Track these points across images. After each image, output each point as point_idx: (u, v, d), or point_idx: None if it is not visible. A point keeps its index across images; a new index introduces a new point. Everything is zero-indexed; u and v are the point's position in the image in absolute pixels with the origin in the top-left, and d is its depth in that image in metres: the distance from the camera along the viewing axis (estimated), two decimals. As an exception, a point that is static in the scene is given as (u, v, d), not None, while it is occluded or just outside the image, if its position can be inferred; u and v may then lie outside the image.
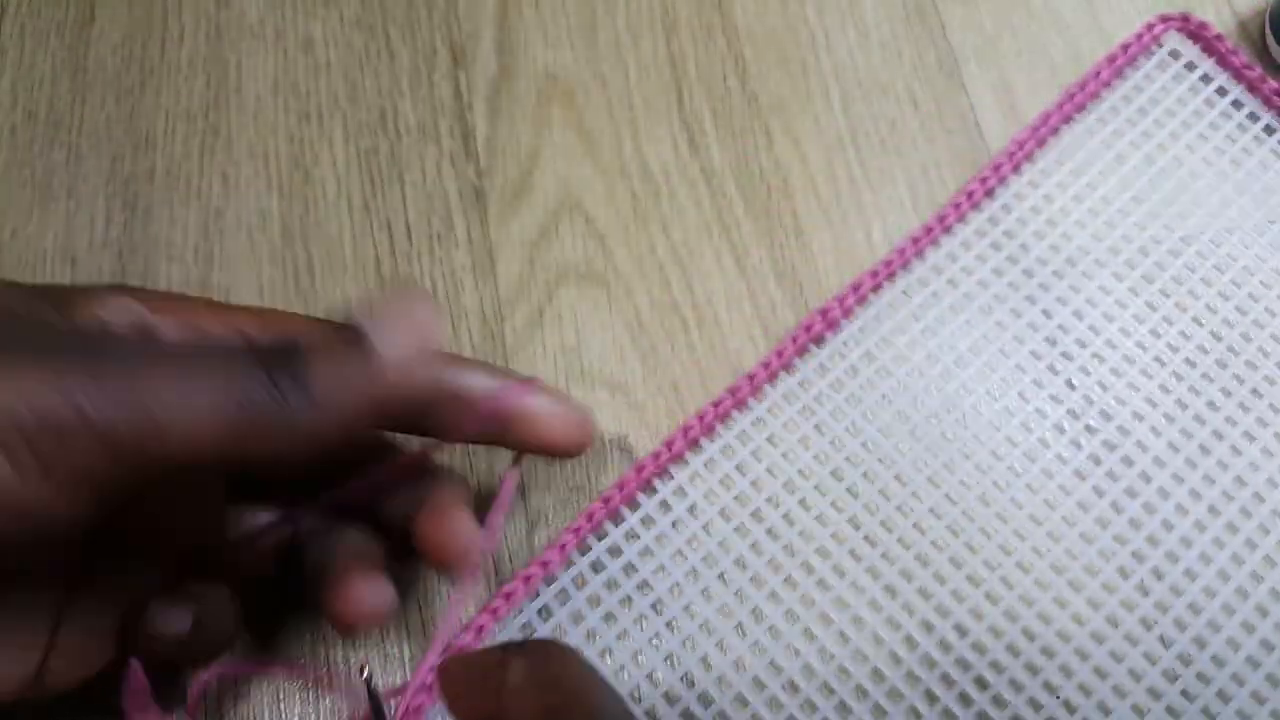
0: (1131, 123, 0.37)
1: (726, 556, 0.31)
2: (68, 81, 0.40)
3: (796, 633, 0.31)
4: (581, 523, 0.31)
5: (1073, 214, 0.36)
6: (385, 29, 0.41)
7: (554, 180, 0.38)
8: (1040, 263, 0.35)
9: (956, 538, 0.32)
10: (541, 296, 0.36)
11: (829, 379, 0.34)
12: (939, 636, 0.30)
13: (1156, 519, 0.32)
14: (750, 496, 0.32)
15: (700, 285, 0.36)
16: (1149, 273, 0.35)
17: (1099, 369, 0.34)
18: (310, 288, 0.37)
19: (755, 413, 0.33)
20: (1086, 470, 0.32)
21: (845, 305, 0.34)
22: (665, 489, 0.32)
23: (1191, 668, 0.30)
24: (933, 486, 0.32)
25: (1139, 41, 0.38)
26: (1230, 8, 0.40)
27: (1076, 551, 0.31)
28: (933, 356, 0.34)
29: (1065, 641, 0.30)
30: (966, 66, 0.39)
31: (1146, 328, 0.34)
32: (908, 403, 0.33)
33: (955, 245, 0.36)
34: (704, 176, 0.38)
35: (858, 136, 0.38)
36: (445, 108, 0.39)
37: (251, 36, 0.41)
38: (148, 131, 0.39)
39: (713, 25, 0.40)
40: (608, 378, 0.35)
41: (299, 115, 0.39)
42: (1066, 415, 0.33)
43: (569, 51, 0.40)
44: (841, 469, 0.33)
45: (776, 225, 0.37)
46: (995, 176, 0.36)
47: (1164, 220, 0.36)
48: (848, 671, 0.30)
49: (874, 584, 0.31)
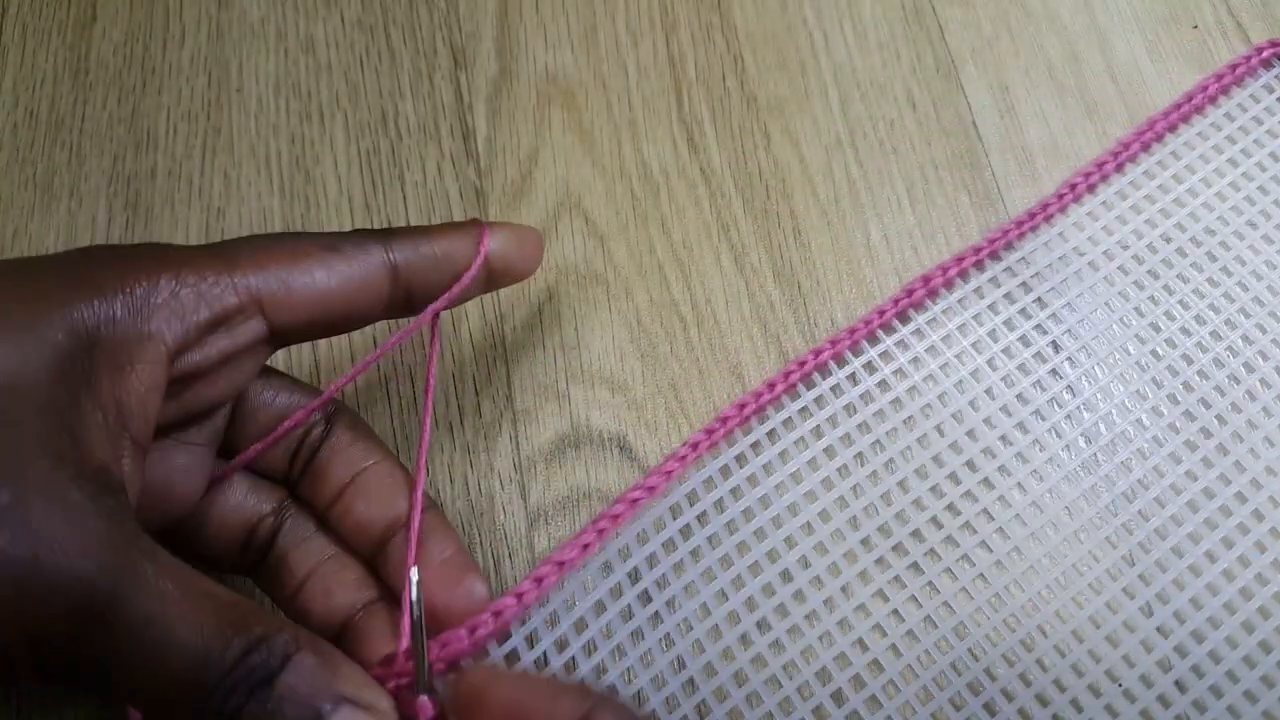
0: (1232, 140, 0.37)
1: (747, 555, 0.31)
2: (69, 81, 0.40)
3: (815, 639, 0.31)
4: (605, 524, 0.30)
5: (1173, 216, 0.36)
6: (386, 30, 0.41)
7: (554, 180, 0.38)
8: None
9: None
10: (541, 296, 0.36)
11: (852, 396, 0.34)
12: (955, 656, 0.30)
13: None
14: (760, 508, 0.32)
15: (699, 285, 0.36)
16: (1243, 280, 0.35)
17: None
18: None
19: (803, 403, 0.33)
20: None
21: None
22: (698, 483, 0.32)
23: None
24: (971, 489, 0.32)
25: (1247, 63, 0.38)
26: (1228, 7, 0.40)
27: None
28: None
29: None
30: (964, 68, 0.39)
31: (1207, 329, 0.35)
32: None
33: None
34: (703, 177, 0.38)
35: (856, 137, 0.38)
36: (446, 108, 0.39)
37: (253, 37, 0.41)
38: (149, 131, 0.39)
39: (712, 26, 0.40)
40: (607, 377, 0.35)
41: (300, 115, 0.39)
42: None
43: (569, 52, 0.40)
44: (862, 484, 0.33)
45: (775, 225, 0.37)
46: (1085, 182, 0.36)
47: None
48: (864, 682, 0.30)
49: (899, 595, 0.31)
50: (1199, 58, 0.39)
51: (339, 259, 0.26)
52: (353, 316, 0.27)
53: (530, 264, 0.30)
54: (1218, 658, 0.30)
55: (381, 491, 0.28)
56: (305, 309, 0.26)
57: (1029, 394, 0.34)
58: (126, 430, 0.23)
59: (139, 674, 0.21)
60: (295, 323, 0.26)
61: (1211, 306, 0.35)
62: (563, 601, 0.30)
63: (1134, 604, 0.31)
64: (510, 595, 0.28)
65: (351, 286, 0.26)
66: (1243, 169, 0.37)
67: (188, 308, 0.24)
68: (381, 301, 0.27)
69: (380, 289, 0.27)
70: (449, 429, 0.34)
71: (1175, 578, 0.31)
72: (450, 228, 0.29)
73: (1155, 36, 0.40)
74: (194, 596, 0.22)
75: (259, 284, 0.25)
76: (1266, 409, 0.33)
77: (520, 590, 0.28)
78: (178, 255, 0.25)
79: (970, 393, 0.34)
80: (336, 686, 0.23)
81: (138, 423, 0.23)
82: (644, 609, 0.30)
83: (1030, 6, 0.40)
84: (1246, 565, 0.31)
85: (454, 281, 0.28)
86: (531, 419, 0.34)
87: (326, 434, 0.29)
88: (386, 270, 0.27)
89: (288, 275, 0.25)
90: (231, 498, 0.28)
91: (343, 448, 0.29)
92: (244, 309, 0.25)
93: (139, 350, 0.23)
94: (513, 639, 0.29)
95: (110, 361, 0.23)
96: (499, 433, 0.34)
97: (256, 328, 0.25)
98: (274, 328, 0.26)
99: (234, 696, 0.22)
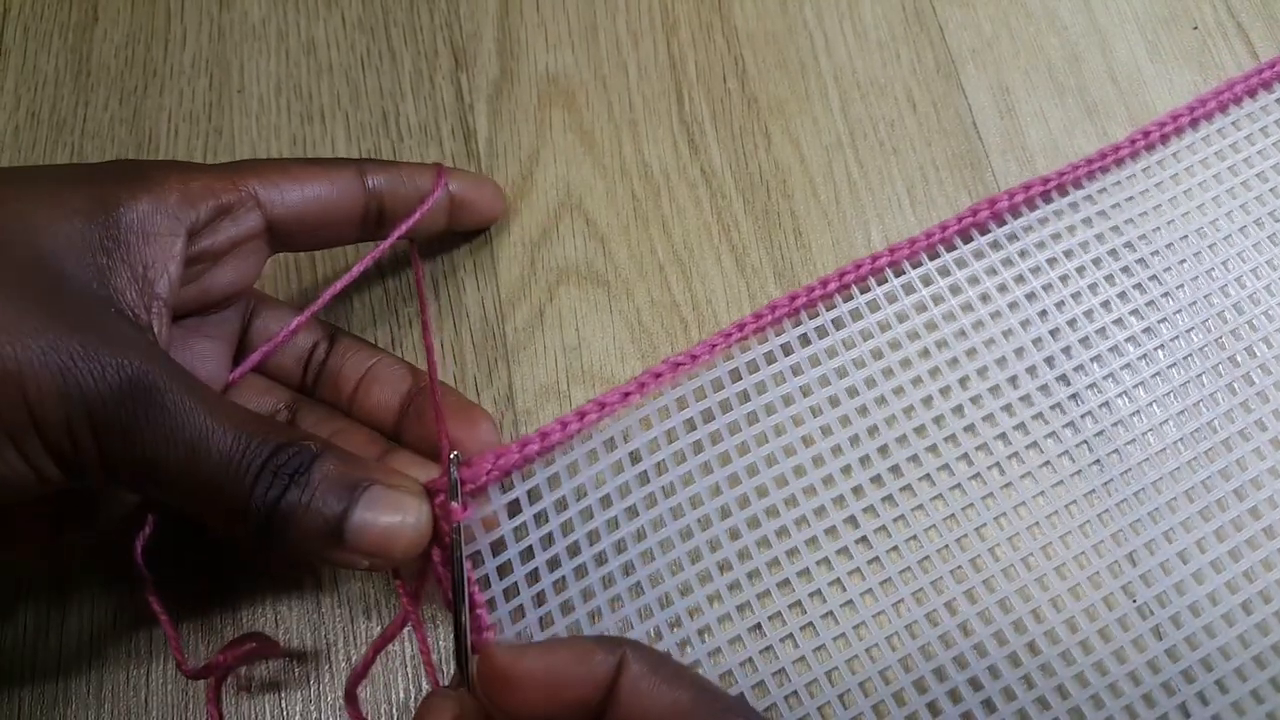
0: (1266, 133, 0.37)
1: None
2: (71, 82, 0.40)
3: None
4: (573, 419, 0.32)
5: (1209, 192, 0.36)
6: (387, 30, 0.41)
7: (555, 181, 0.38)
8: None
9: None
10: (542, 296, 0.36)
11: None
12: (943, 630, 0.31)
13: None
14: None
15: (700, 285, 0.36)
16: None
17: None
18: (313, 286, 0.37)
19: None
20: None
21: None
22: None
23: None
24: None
25: (1273, 68, 0.38)
26: (1228, 8, 0.40)
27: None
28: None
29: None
30: (964, 68, 0.39)
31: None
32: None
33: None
34: (704, 177, 0.38)
35: (856, 137, 0.38)
36: (447, 109, 0.39)
37: (254, 38, 0.41)
38: (151, 132, 0.39)
39: (712, 27, 0.40)
40: (608, 377, 0.35)
41: (301, 116, 0.40)
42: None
43: (570, 53, 0.40)
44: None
45: (775, 225, 0.37)
46: (1114, 155, 0.37)
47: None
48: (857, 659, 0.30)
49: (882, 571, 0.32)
50: (1199, 58, 0.39)
51: (321, 169, 0.32)
52: (335, 221, 0.32)
53: (489, 204, 0.36)
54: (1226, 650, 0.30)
55: (392, 377, 0.33)
56: (295, 208, 0.31)
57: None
58: (153, 288, 0.27)
59: (183, 463, 0.25)
60: (287, 219, 0.31)
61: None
62: (566, 465, 0.31)
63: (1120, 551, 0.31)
64: (536, 433, 0.31)
65: (334, 192, 0.31)
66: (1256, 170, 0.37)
67: (197, 196, 0.29)
68: (358, 210, 0.32)
69: (356, 198, 0.32)
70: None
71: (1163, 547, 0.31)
72: (414, 164, 0.34)
73: (1155, 37, 0.40)
74: (229, 404, 0.27)
75: (255, 185, 0.30)
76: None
77: (546, 429, 0.31)
78: (184, 164, 0.30)
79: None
80: (366, 473, 0.27)
81: (163, 283, 0.28)
82: (642, 488, 0.32)
83: (1030, 7, 0.40)
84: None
85: (420, 205, 0.33)
86: (533, 419, 0.34)
87: (331, 348, 0.33)
88: (360, 183, 0.32)
89: (278, 180, 0.31)
90: (247, 396, 0.32)
91: (350, 353, 0.33)
92: (244, 202, 0.30)
93: (161, 223, 0.28)
94: (517, 489, 0.31)
95: (137, 231, 0.27)
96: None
97: (256, 219, 0.30)
98: (270, 223, 0.30)
99: (273, 486, 0.26)
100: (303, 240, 0.32)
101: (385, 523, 0.27)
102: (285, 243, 0.32)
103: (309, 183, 0.31)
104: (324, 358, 0.33)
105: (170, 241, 0.28)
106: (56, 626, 0.32)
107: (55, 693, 0.32)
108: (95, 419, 0.24)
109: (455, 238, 0.37)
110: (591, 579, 0.31)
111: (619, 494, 0.31)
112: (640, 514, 0.31)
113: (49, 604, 0.33)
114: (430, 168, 0.34)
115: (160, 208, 0.28)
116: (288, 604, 0.32)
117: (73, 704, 0.31)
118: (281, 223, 0.31)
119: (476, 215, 0.36)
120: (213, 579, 0.33)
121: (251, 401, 0.32)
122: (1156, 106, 0.38)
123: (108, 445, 0.25)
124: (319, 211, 0.31)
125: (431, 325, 0.33)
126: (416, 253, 0.34)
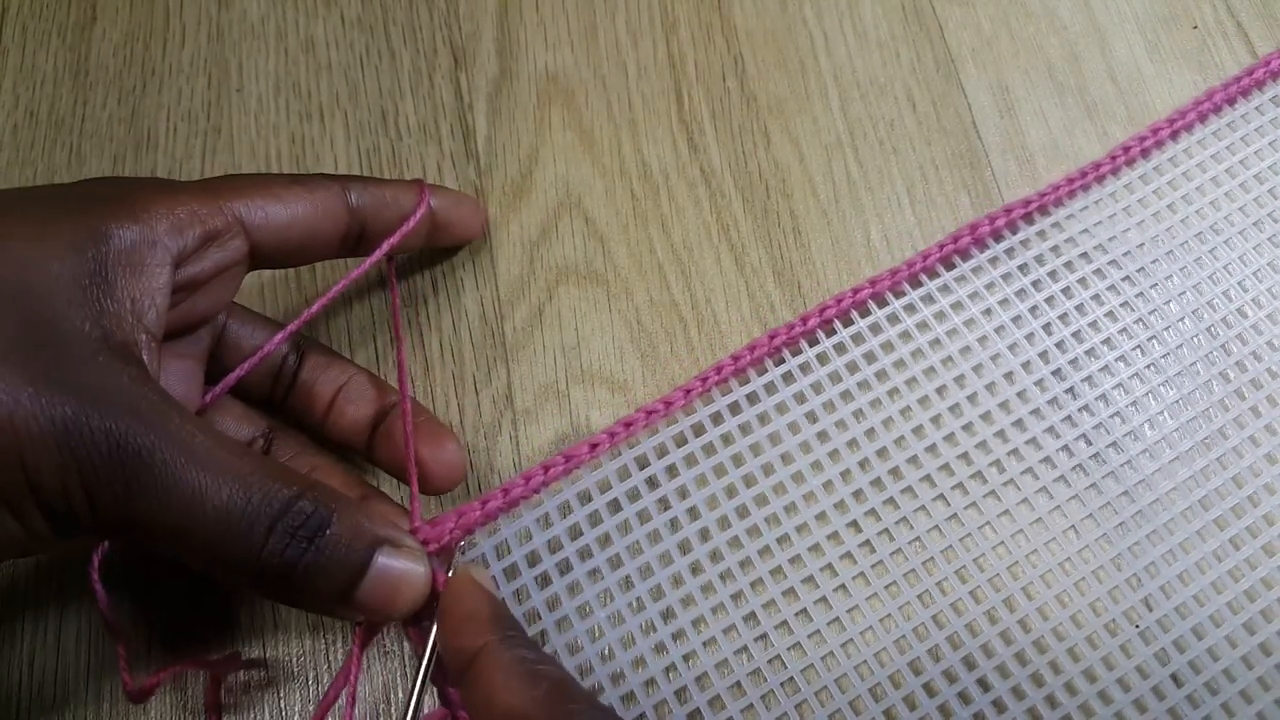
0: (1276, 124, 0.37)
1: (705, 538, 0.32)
2: (69, 82, 0.40)
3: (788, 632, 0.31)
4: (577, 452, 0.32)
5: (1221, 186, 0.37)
6: (386, 29, 0.41)
7: (554, 180, 0.38)
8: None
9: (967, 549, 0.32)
10: (541, 296, 0.36)
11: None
12: (933, 642, 0.31)
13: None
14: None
15: (699, 285, 0.36)
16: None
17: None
18: (312, 285, 0.37)
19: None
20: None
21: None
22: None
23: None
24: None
25: (1268, 66, 0.38)
26: (1228, 7, 0.40)
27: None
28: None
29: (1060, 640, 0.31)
30: (964, 68, 0.39)
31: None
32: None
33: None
34: (703, 177, 0.38)
35: (856, 137, 0.38)
36: (446, 108, 0.39)
37: (253, 36, 0.41)
38: (149, 131, 0.39)
39: (712, 26, 0.40)
40: (607, 377, 0.35)
41: (300, 115, 0.39)
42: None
43: (569, 52, 0.40)
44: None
45: (775, 225, 0.37)
46: (1124, 155, 0.37)
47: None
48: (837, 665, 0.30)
49: (877, 581, 0.32)
50: (1199, 58, 0.39)
51: (303, 189, 0.31)
52: (317, 240, 0.31)
53: (469, 223, 0.36)
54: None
55: (366, 394, 0.33)
56: (279, 230, 0.30)
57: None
58: (142, 322, 0.27)
59: (175, 519, 0.24)
60: (271, 242, 0.30)
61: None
62: (545, 512, 0.32)
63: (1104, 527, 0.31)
64: (499, 489, 0.31)
65: (316, 213, 0.31)
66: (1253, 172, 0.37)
67: (185, 224, 0.28)
68: (340, 229, 0.32)
69: (339, 218, 0.31)
70: (449, 429, 0.34)
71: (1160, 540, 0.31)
72: (397, 181, 0.34)
73: (1155, 37, 0.40)
74: (230, 450, 0.25)
75: (240, 209, 0.29)
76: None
77: (529, 474, 0.31)
78: (169, 184, 0.29)
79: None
80: (379, 532, 0.27)
81: (151, 316, 0.27)
82: (623, 537, 0.32)
83: (1030, 6, 0.40)
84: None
85: (402, 223, 0.33)
86: (532, 419, 0.34)
87: (301, 360, 0.33)
88: (343, 202, 0.32)
89: (263, 203, 0.30)
90: (224, 423, 0.32)
91: (322, 368, 0.33)
92: (230, 228, 0.29)
93: (149, 254, 0.27)
94: (501, 532, 0.31)
95: (124, 264, 0.26)
96: (499, 433, 0.34)
97: (241, 244, 0.29)
98: (254, 246, 0.30)
99: (290, 547, 0.25)
100: (283, 260, 0.32)
101: (393, 586, 0.27)
102: (266, 263, 0.31)
103: (293, 203, 0.30)
104: (295, 369, 0.33)
105: (158, 272, 0.27)
106: (55, 627, 0.32)
107: (54, 693, 0.32)
108: (88, 482, 0.24)
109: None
110: (566, 638, 0.31)
111: (598, 544, 0.31)
112: (605, 576, 0.31)
113: (49, 604, 0.33)
114: (412, 185, 0.34)
115: (147, 237, 0.27)
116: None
117: (72, 704, 0.31)
118: (265, 246, 0.30)
119: (456, 234, 0.36)
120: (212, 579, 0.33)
121: (228, 429, 0.32)
122: (1156, 106, 0.38)
123: (101, 507, 0.24)
124: (303, 233, 0.31)
125: (406, 350, 0.33)
126: (394, 272, 0.34)
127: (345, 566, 0.26)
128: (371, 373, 0.34)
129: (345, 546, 0.26)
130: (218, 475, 0.25)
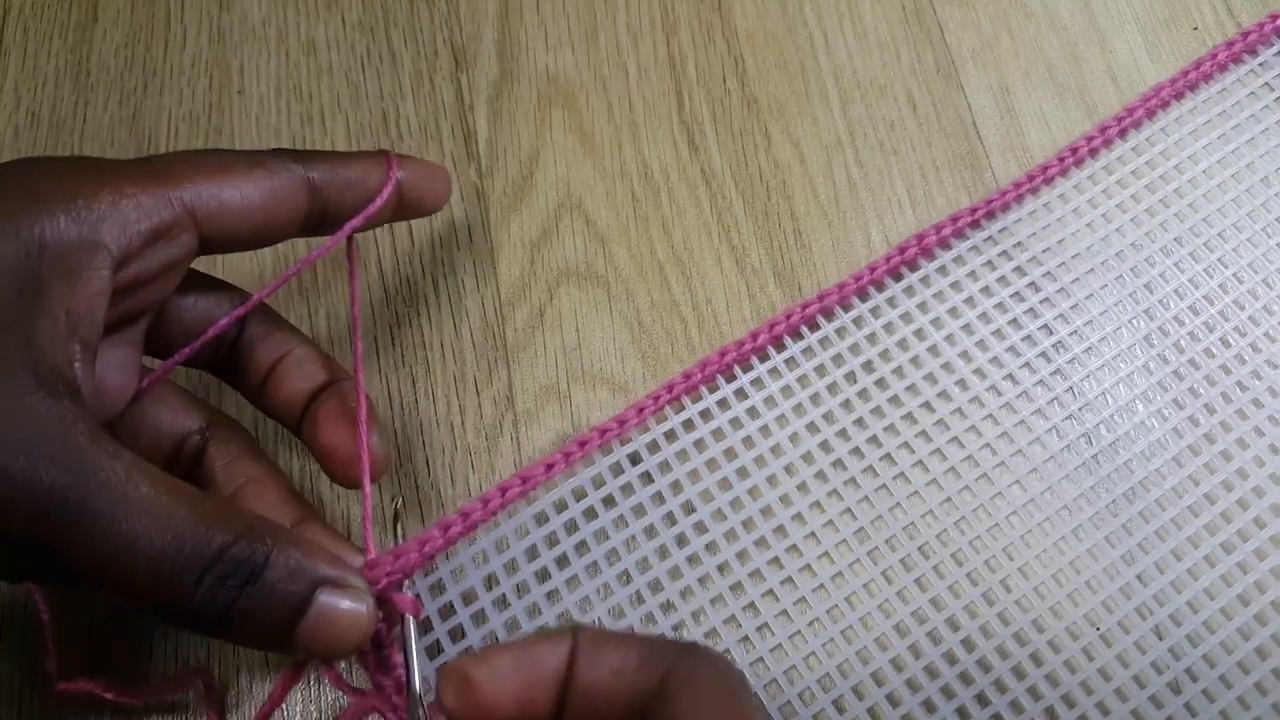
0: (1241, 107, 0.38)
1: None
2: (71, 83, 0.40)
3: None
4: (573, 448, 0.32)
5: (1171, 184, 0.37)
6: (387, 31, 0.41)
7: (555, 181, 0.38)
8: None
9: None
10: (542, 296, 0.36)
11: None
12: (932, 629, 0.31)
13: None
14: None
15: (700, 285, 0.36)
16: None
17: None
18: (313, 285, 0.37)
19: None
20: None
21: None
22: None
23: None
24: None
25: (1260, 30, 0.38)
26: (1228, 8, 0.40)
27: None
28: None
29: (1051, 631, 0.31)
30: (964, 68, 0.39)
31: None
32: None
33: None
34: (704, 178, 0.38)
35: (856, 138, 0.38)
36: (447, 109, 0.39)
37: (254, 39, 0.41)
38: (150, 133, 0.39)
39: (712, 27, 0.40)
40: (608, 377, 0.35)
41: (301, 117, 0.40)
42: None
43: (570, 54, 0.40)
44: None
45: (775, 226, 0.37)
46: (1086, 146, 0.37)
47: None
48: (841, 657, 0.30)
49: (874, 569, 0.32)
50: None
51: (263, 173, 0.28)
52: (274, 227, 0.29)
53: (438, 196, 0.33)
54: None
55: (304, 368, 0.30)
56: (234, 220, 0.27)
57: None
58: (76, 334, 0.24)
59: (106, 569, 0.23)
60: (224, 233, 0.27)
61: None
62: (514, 529, 0.32)
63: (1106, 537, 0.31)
64: (457, 514, 0.30)
65: (274, 198, 0.28)
66: (1246, 138, 0.37)
67: (129, 219, 0.25)
68: (300, 214, 0.29)
69: (299, 202, 0.29)
70: (450, 430, 0.34)
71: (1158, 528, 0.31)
72: (362, 154, 0.31)
73: (1155, 37, 0.40)
74: (163, 493, 0.23)
75: (192, 198, 0.26)
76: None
77: (487, 497, 0.30)
78: (114, 169, 0.26)
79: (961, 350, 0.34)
80: (319, 572, 0.25)
81: (86, 327, 0.24)
82: (600, 545, 0.32)
83: (1030, 7, 0.40)
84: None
85: (367, 203, 0.30)
86: (533, 420, 0.34)
87: (242, 326, 0.31)
88: (304, 185, 0.29)
89: (218, 189, 0.27)
90: (160, 415, 0.29)
91: (264, 335, 0.31)
92: (180, 222, 0.26)
93: (86, 258, 0.24)
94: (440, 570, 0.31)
95: (58, 270, 0.24)
96: (500, 434, 0.34)
97: (191, 239, 0.27)
98: (204, 238, 0.27)
99: (222, 593, 0.23)
100: (236, 248, 0.29)
101: (334, 624, 0.25)
102: (215, 250, 0.28)
103: (248, 188, 0.28)
104: (235, 336, 0.31)
105: (97, 278, 0.25)
106: (54, 628, 0.32)
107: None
108: (14, 533, 0.23)
109: (454, 238, 0.37)
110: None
111: (557, 565, 0.31)
112: (563, 596, 0.31)
113: (48, 604, 0.33)
114: (378, 157, 0.31)
115: (88, 239, 0.24)
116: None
117: (71, 704, 0.31)
118: (216, 236, 0.27)
119: (426, 208, 0.33)
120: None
121: (164, 423, 0.29)
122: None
123: (26, 563, 0.23)
124: (258, 221, 0.28)
125: (360, 330, 0.31)
126: (355, 250, 0.32)
127: (281, 609, 0.24)
128: (318, 347, 0.32)
129: (281, 590, 0.24)
130: (150, 523, 0.23)
